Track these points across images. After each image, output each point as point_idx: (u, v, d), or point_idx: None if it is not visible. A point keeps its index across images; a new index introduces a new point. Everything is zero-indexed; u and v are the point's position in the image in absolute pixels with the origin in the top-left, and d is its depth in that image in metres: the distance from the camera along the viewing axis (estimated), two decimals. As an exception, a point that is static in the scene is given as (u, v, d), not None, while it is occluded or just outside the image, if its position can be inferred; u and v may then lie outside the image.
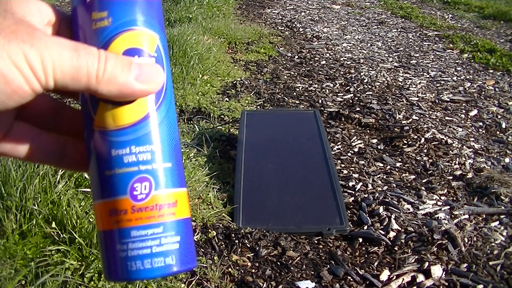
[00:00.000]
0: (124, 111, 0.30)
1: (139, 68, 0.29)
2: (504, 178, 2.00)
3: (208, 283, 1.34)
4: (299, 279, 1.40)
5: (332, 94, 3.02)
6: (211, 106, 2.65)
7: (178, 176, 0.32)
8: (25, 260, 1.27)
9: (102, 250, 0.32)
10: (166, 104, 0.32)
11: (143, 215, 0.30)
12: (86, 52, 0.27)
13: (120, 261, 0.30)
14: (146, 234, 0.30)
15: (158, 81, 0.30)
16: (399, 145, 2.32)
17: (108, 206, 0.31)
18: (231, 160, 2.05)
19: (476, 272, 1.45)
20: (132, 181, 0.30)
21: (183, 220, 0.32)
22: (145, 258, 0.30)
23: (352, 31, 4.90)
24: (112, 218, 0.31)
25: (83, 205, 1.45)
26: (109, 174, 0.31)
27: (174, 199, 0.32)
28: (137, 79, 0.29)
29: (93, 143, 0.31)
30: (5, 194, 1.38)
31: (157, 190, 0.31)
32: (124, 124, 0.30)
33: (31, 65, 0.25)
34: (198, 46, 3.31)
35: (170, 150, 0.32)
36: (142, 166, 0.30)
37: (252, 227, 1.58)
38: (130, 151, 0.30)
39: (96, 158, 0.31)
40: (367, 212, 1.75)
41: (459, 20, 5.64)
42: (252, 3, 6.31)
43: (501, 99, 3.05)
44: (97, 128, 0.31)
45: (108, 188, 0.31)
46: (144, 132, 0.30)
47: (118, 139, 0.30)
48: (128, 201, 0.30)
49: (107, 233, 0.31)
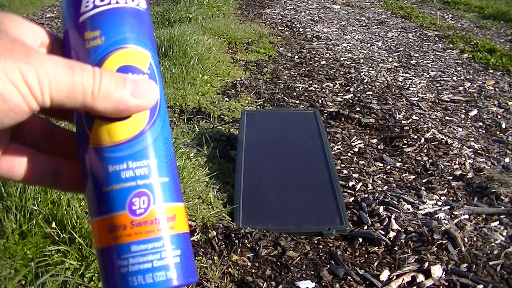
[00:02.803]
0: (120, 127, 0.30)
1: (133, 84, 0.29)
2: (504, 178, 2.00)
3: (208, 283, 1.34)
4: (299, 279, 1.40)
5: (332, 94, 3.02)
6: (211, 106, 2.65)
7: (176, 191, 0.32)
8: (25, 260, 1.27)
9: (102, 267, 0.31)
10: (160, 120, 0.32)
11: (142, 230, 0.30)
12: (81, 70, 0.27)
13: (121, 277, 0.30)
14: (147, 248, 0.30)
15: (152, 97, 0.30)
16: (399, 145, 2.32)
17: (106, 222, 0.31)
18: (231, 160, 2.05)
19: (476, 272, 1.45)
20: (131, 196, 0.30)
21: (183, 234, 0.32)
22: (147, 272, 0.30)
23: (352, 31, 4.90)
24: (111, 234, 0.30)
25: (83, 205, 1.45)
26: (107, 190, 0.30)
27: (173, 213, 0.32)
28: (132, 95, 0.29)
29: (89, 160, 0.31)
30: (5, 194, 1.38)
31: (155, 205, 0.31)
32: (120, 140, 0.30)
33: (27, 82, 0.25)
34: (198, 46, 3.31)
35: (166, 165, 0.32)
36: (139, 181, 0.30)
37: (252, 227, 1.58)
38: (127, 167, 0.30)
39: (93, 175, 0.31)
40: (367, 212, 1.75)
41: (459, 20, 5.64)
42: (252, 3, 6.31)
43: (501, 99, 3.05)
44: (93, 145, 0.31)
45: (106, 204, 0.30)
46: (140, 147, 0.31)
47: (114, 155, 0.30)
48: (127, 216, 0.30)
49: (106, 249, 0.31)
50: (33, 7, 5.74)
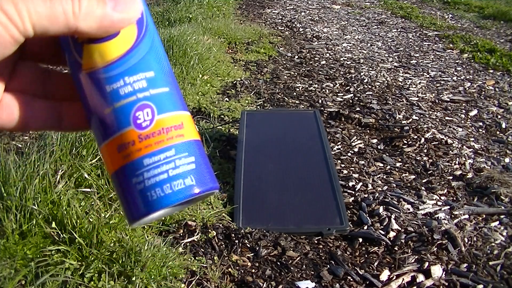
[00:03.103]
0: (110, 46, 0.30)
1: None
2: (504, 178, 2.00)
3: (208, 283, 1.34)
4: (299, 279, 1.40)
5: (332, 94, 3.02)
6: (211, 106, 2.65)
7: (179, 100, 0.32)
8: (25, 260, 1.27)
9: (119, 192, 0.31)
10: (150, 33, 0.31)
11: (151, 141, 0.30)
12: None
13: (139, 195, 0.30)
14: (159, 159, 0.30)
15: (135, 8, 0.30)
16: (399, 145, 2.32)
17: (114, 143, 0.30)
18: (231, 160, 2.05)
19: (476, 272, 1.45)
20: (133, 111, 0.30)
21: (194, 141, 0.32)
22: (164, 183, 0.29)
23: (352, 31, 4.90)
24: (121, 154, 0.30)
25: (83, 205, 1.45)
26: (109, 110, 0.30)
27: (180, 121, 0.31)
28: (114, 9, 0.29)
29: (86, 87, 0.31)
30: (5, 194, 1.38)
31: (160, 115, 0.30)
32: (113, 58, 0.30)
33: (6, 12, 0.25)
34: (198, 46, 3.31)
35: (163, 76, 0.31)
36: (139, 94, 0.30)
37: (252, 227, 1.58)
38: (125, 83, 0.30)
39: (93, 101, 0.30)
40: (367, 212, 1.75)
41: (459, 20, 5.64)
42: (252, 3, 6.31)
43: (501, 99, 3.05)
44: (87, 71, 0.30)
45: (111, 125, 0.30)
46: (134, 61, 0.30)
47: (109, 74, 0.30)
48: (134, 131, 0.30)
49: (119, 170, 0.30)
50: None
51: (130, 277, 1.26)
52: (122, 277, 1.27)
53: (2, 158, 1.46)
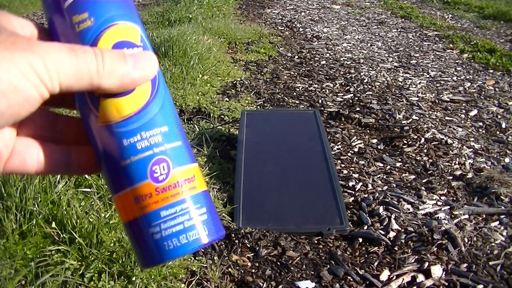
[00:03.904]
0: (127, 101, 0.31)
1: (133, 57, 0.30)
2: (504, 178, 2.00)
3: (208, 283, 1.34)
4: (299, 279, 1.40)
5: (332, 94, 3.02)
6: (211, 106, 2.65)
7: (189, 152, 0.34)
8: (25, 260, 1.27)
9: (133, 240, 0.32)
10: (162, 88, 0.33)
11: (168, 194, 0.31)
12: (82, 51, 0.28)
13: (155, 244, 0.31)
14: (176, 211, 0.31)
15: (153, 66, 0.31)
16: (399, 145, 2.32)
17: (131, 194, 0.31)
18: (231, 160, 2.05)
19: (476, 272, 1.45)
20: (150, 165, 0.31)
21: (204, 192, 0.33)
22: (180, 234, 0.31)
23: (352, 31, 4.90)
24: (137, 205, 0.31)
25: (83, 205, 1.45)
26: (125, 163, 0.31)
27: (192, 174, 0.33)
28: (134, 67, 0.30)
29: (101, 139, 0.32)
30: (5, 194, 1.38)
31: (175, 169, 0.32)
32: (130, 113, 0.31)
33: (37, 72, 0.26)
34: (198, 46, 3.31)
35: (176, 130, 0.33)
36: (156, 149, 0.31)
37: (252, 227, 1.58)
38: (142, 137, 0.31)
39: (108, 153, 0.32)
40: (367, 212, 1.75)
41: (459, 20, 5.64)
42: (252, 3, 6.31)
43: (501, 99, 3.05)
44: (103, 124, 0.31)
45: (127, 177, 0.31)
46: (150, 116, 0.31)
47: (126, 128, 0.31)
48: (151, 184, 0.31)
49: (135, 221, 0.32)
50: (33, 7, 5.74)
51: (130, 277, 1.26)
52: (122, 277, 1.27)
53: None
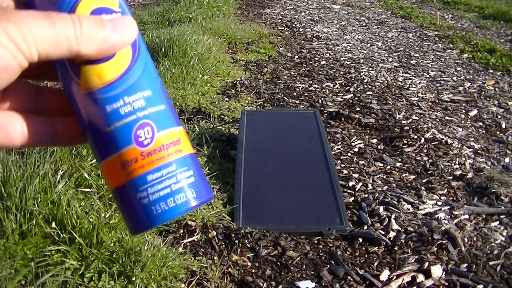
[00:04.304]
0: (108, 67, 0.31)
1: (111, 22, 0.30)
2: (504, 178, 2.00)
3: (208, 283, 1.34)
4: (299, 279, 1.40)
5: (332, 94, 3.02)
6: (211, 106, 2.65)
7: (174, 116, 0.34)
8: (25, 260, 1.27)
9: (122, 206, 0.32)
10: (143, 52, 0.33)
11: (154, 158, 0.31)
12: (59, 18, 0.28)
13: (144, 209, 0.31)
14: (162, 175, 0.31)
15: (132, 30, 0.31)
16: (399, 145, 2.32)
17: (117, 160, 0.31)
18: (231, 160, 2.05)
19: (476, 272, 1.45)
20: (134, 129, 0.31)
21: (190, 155, 0.33)
22: (167, 197, 0.31)
23: (352, 31, 4.90)
24: (124, 171, 0.31)
25: (83, 205, 1.45)
26: (110, 129, 0.31)
27: (177, 136, 0.33)
28: (113, 32, 0.30)
29: (84, 107, 0.32)
30: (5, 194, 1.38)
31: (159, 132, 0.32)
32: (111, 79, 0.31)
33: (13, 40, 0.26)
34: (198, 46, 3.31)
35: (159, 93, 0.33)
36: (139, 113, 0.31)
37: (252, 227, 1.58)
38: (124, 102, 0.31)
39: (92, 120, 0.32)
40: (367, 212, 1.75)
41: (459, 20, 5.64)
42: (252, 3, 6.31)
43: (501, 99, 3.05)
44: (85, 91, 0.31)
45: (112, 143, 0.31)
46: (131, 81, 0.31)
47: (109, 94, 0.31)
48: (136, 149, 0.31)
49: (122, 187, 0.32)
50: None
51: (130, 277, 1.26)
52: (122, 277, 1.27)
53: (3, 158, 1.46)
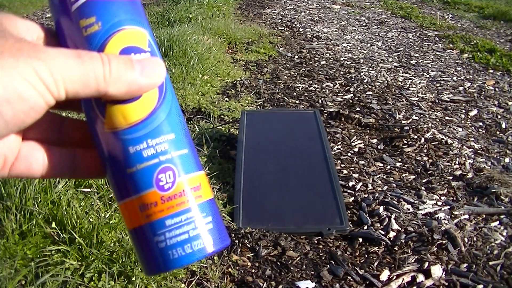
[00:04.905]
0: (133, 108, 0.31)
1: (140, 64, 0.29)
2: (504, 178, 2.00)
3: (208, 283, 1.34)
4: (299, 279, 1.40)
5: (332, 94, 3.02)
6: (211, 106, 2.65)
7: (196, 160, 0.33)
8: (25, 260, 1.27)
9: (138, 247, 0.32)
10: (169, 95, 0.32)
11: (173, 203, 0.31)
12: (89, 57, 0.27)
13: (160, 253, 0.31)
14: (181, 220, 0.31)
15: (160, 73, 0.31)
16: (399, 145, 2.32)
17: (136, 202, 0.31)
18: (231, 160, 2.05)
19: (476, 272, 1.45)
20: (156, 173, 0.31)
21: (210, 201, 0.33)
22: (185, 243, 0.31)
23: (352, 31, 4.90)
24: (143, 213, 0.31)
25: (83, 205, 1.45)
26: (131, 171, 0.31)
27: (198, 182, 0.32)
28: (141, 74, 0.29)
29: (107, 145, 0.31)
30: (5, 194, 1.38)
31: (181, 177, 0.31)
32: (136, 120, 0.31)
33: (42, 79, 0.26)
34: (198, 46, 3.31)
35: (183, 137, 0.32)
36: (162, 157, 0.31)
37: (252, 227, 1.58)
38: (148, 145, 0.31)
39: (114, 159, 0.31)
40: (367, 212, 1.75)
41: (459, 20, 5.64)
42: (252, 3, 6.31)
43: (501, 99, 3.05)
44: (109, 130, 0.31)
45: (133, 185, 0.31)
46: (156, 124, 0.31)
47: (133, 135, 0.31)
48: (156, 193, 0.31)
49: (140, 229, 0.32)
50: (33, 7, 5.74)
51: (130, 277, 1.26)
52: (122, 277, 1.27)
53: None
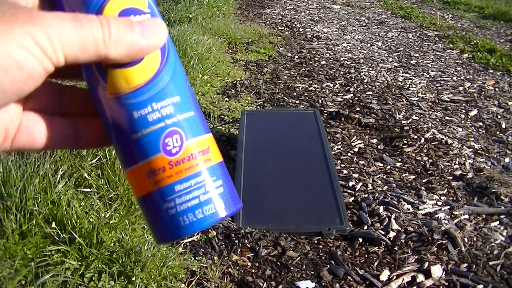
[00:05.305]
0: (136, 72, 0.30)
1: (140, 25, 0.29)
2: (504, 178, 2.00)
3: (208, 283, 1.34)
4: (299, 279, 1.40)
5: (332, 94, 3.02)
6: (211, 106, 2.65)
7: (203, 123, 0.32)
8: (25, 260, 1.27)
9: (147, 215, 0.31)
10: (172, 56, 0.31)
11: (182, 168, 0.30)
12: (87, 20, 0.27)
13: (171, 219, 0.30)
14: (190, 185, 0.30)
15: (162, 34, 0.30)
16: (399, 145, 2.32)
17: (143, 168, 0.30)
18: (231, 160, 2.05)
19: (476, 272, 1.45)
20: (163, 137, 0.30)
21: (220, 164, 0.32)
22: (196, 208, 0.30)
23: (352, 31, 4.90)
24: (151, 180, 0.30)
25: (83, 205, 1.45)
26: (137, 136, 0.30)
27: (206, 145, 0.32)
28: (142, 35, 0.29)
29: (111, 111, 0.30)
30: (5, 194, 1.38)
31: (188, 140, 0.31)
32: (139, 84, 0.30)
33: (40, 45, 0.25)
34: (198, 46, 3.31)
35: (189, 99, 0.31)
36: (167, 120, 0.30)
37: (252, 227, 1.58)
38: (153, 109, 0.30)
39: (118, 125, 0.30)
40: (367, 212, 1.75)
41: (459, 20, 5.64)
42: (252, 3, 6.31)
43: (501, 99, 3.05)
44: (112, 96, 0.30)
45: (139, 150, 0.30)
46: (160, 87, 0.30)
47: (136, 100, 0.30)
48: (164, 158, 0.30)
49: (148, 196, 0.31)
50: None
51: (130, 277, 1.26)
52: (122, 277, 1.27)
53: (3, 158, 1.46)
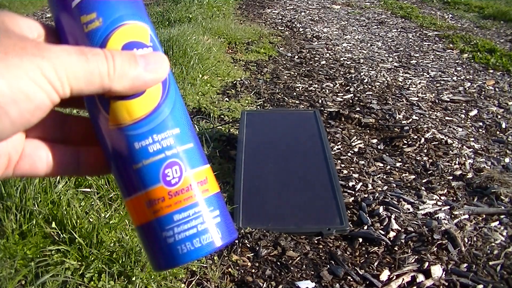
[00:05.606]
0: (137, 104, 0.30)
1: (144, 59, 0.29)
2: (504, 178, 2.00)
3: (208, 283, 1.34)
4: (299, 279, 1.40)
5: (332, 94, 3.02)
6: (211, 106, 2.65)
7: (201, 154, 0.33)
8: (25, 260, 1.27)
9: (146, 243, 0.32)
10: (173, 89, 0.32)
11: (181, 198, 0.31)
12: (92, 54, 0.27)
13: (169, 248, 0.31)
14: (189, 215, 0.31)
15: (164, 68, 0.31)
16: (399, 145, 2.32)
17: (143, 198, 0.31)
18: (231, 160, 2.05)
19: (476, 272, 1.45)
20: (162, 168, 0.31)
21: (217, 194, 0.33)
22: (193, 238, 0.31)
23: (352, 31, 4.90)
24: (150, 209, 0.31)
25: (83, 205, 1.45)
26: (137, 167, 0.31)
27: (204, 176, 0.33)
28: (146, 69, 0.29)
29: (112, 141, 0.31)
30: (5, 194, 1.38)
31: (187, 171, 0.31)
32: (141, 116, 0.30)
33: (48, 78, 0.26)
34: (198, 46, 3.31)
35: (188, 131, 0.32)
36: (168, 152, 0.31)
37: (252, 227, 1.58)
38: (153, 140, 0.31)
39: (119, 155, 0.31)
40: (367, 212, 1.75)
41: (459, 20, 5.64)
42: (252, 3, 6.31)
43: (501, 99, 3.05)
44: (113, 126, 0.31)
45: (140, 180, 0.31)
46: (161, 119, 0.31)
47: (138, 131, 0.31)
48: (163, 188, 0.31)
49: (147, 225, 0.31)
50: (33, 7, 5.74)
51: (130, 277, 1.26)
52: (122, 277, 1.27)
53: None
